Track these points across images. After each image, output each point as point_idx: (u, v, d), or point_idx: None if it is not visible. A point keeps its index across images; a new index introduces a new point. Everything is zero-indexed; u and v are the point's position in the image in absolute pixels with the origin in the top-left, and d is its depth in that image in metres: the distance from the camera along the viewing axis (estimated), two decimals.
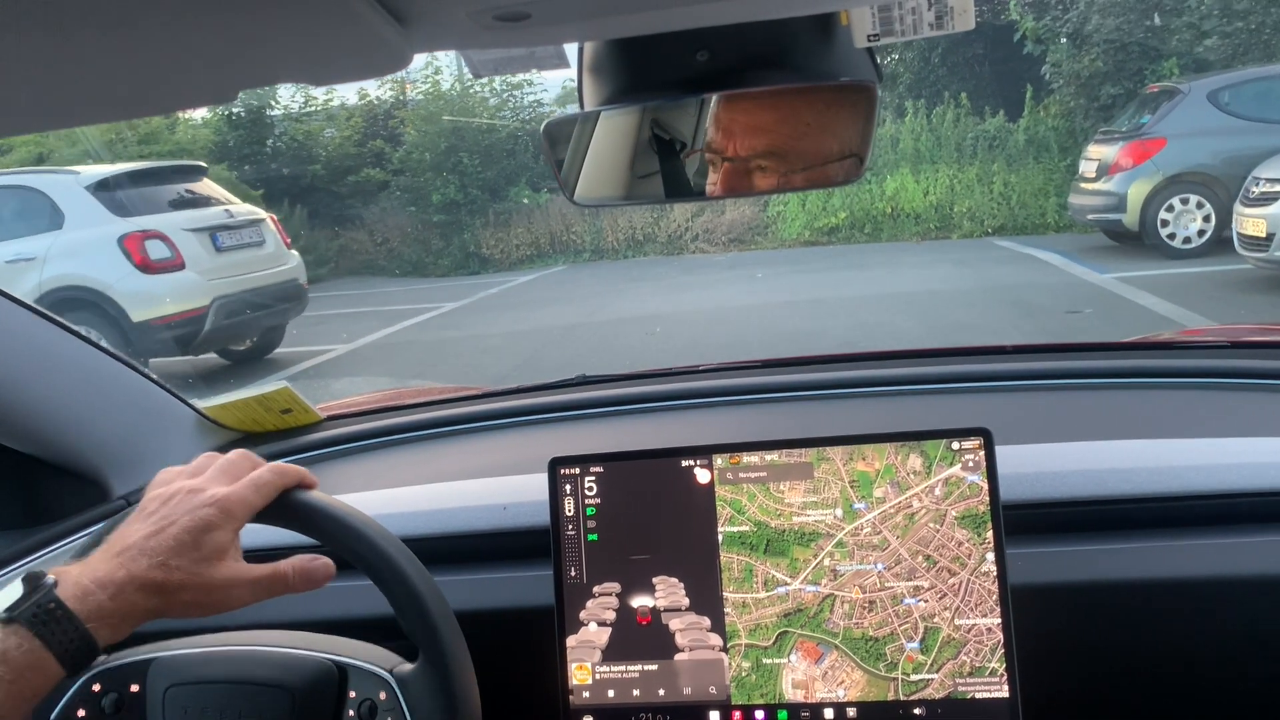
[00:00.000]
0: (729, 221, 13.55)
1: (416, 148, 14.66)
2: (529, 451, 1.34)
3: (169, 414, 1.42)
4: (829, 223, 13.02)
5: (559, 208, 13.87)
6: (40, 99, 0.56)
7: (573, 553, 1.04)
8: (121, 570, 0.75)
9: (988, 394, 1.43)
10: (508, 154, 14.94)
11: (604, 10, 0.54)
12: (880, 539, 0.98)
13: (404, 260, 14.48)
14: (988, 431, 0.97)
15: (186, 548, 0.77)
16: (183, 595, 0.77)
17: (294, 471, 0.87)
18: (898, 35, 0.73)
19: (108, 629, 0.74)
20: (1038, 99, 13.06)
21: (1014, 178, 12.51)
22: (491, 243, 14.12)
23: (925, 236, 12.45)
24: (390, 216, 14.80)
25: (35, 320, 1.22)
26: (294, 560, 0.83)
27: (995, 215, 12.32)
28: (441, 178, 14.30)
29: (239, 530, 0.82)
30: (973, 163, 12.87)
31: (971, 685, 0.95)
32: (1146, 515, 1.05)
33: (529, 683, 1.07)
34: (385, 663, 0.88)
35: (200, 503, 0.80)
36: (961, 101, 13.48)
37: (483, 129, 14.88)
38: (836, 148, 0.83)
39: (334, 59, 0.53)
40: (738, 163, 0.84)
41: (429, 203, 14.34)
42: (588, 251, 13.90)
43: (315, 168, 15.08)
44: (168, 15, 0.45)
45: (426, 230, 14.46)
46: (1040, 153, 12.73)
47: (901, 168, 13.05)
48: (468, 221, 14.30)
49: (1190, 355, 1.49)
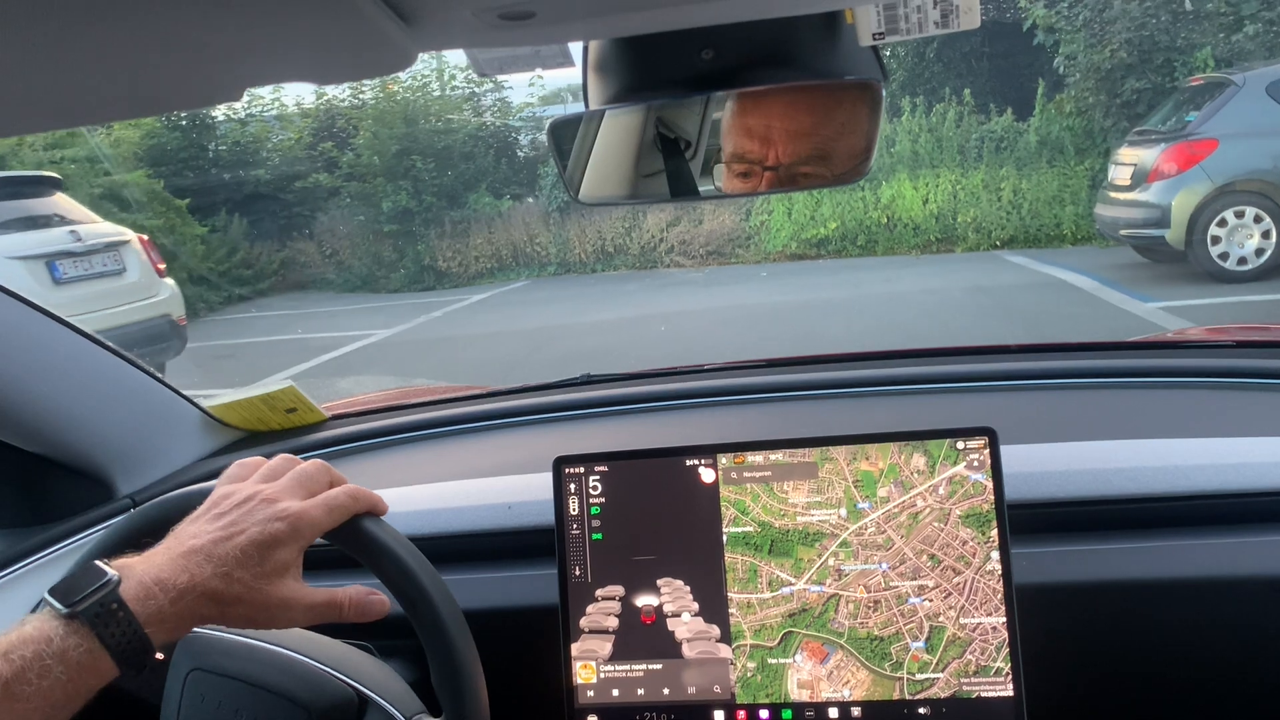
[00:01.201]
0: (707, 232, 12.24)
1: (365, 150, 13.29)
2: (533, 451, 1.34)
3: (174, 412, 1.43)
4: (818, 234, 11.68)
5: (521, 216, 12.85)
6: (46, 98, 0.56)
7: (577, 552, 1.04)
8: (185, 575, 0.74)
9: (991, 393, 1.43)
10: (466, 157, 13.55)
11: (608, 9, 0.54)
12: (885, 538, 0.98)
13: (353, 274, 13.20)
14: (993, 431, 0.97)
15: (251, 561, 0.76)
16: (239, 609, 0.76)
17: (368, 498, 0.85)
18: (903, 33, 0.73)
19: (164, 632, 0.73)
20: (1050, 95, 11.59)
21: (1025, 183, 11.09)
22: (448, 254, 12.85)
23: (925, 249, 11.17)
24: (340, 226, 13.56)
25: (39, 318, 1.22)
26: (351, 591, 0.82)
27: (1004, 226, 10.96)
28: (393, 184, 13.02)
29: (304, 549, 0.80)
30: (978, 167, 11.49)
31: (976, 684, 0.95)
32: (1151, 515, 1.05)
33: (534, 682, 1.07)
34: (407, 709, 0.87)
35: (272, 515, 0.78)
36: (965, 98, 11.99)
37: (439, 130, 13.62)
38: (863, 144, 0.83)
39: (339, 58, 0.54)
40: (780, 170, 0.83)
41: (379, 211, 13.06)
42: (553, 265, 12.66)
43: (260, 173, 13.70)
44: (174, 14, 0.45)
45: (378, 241, 13.19)
46: (1054, 155, 11.29)
47: (898, 172, 11.67)
48: (421, 232, 13.02)
49: (1194, 355, 1.48)
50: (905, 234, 11.40)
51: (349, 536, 0.84)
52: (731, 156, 0.84)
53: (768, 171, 0.83)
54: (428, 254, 12.92)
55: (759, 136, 0.82)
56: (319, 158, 13.86)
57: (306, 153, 14.08)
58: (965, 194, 11.34)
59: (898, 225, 11.44)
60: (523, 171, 13.92)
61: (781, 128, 0.82)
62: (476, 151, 13.68)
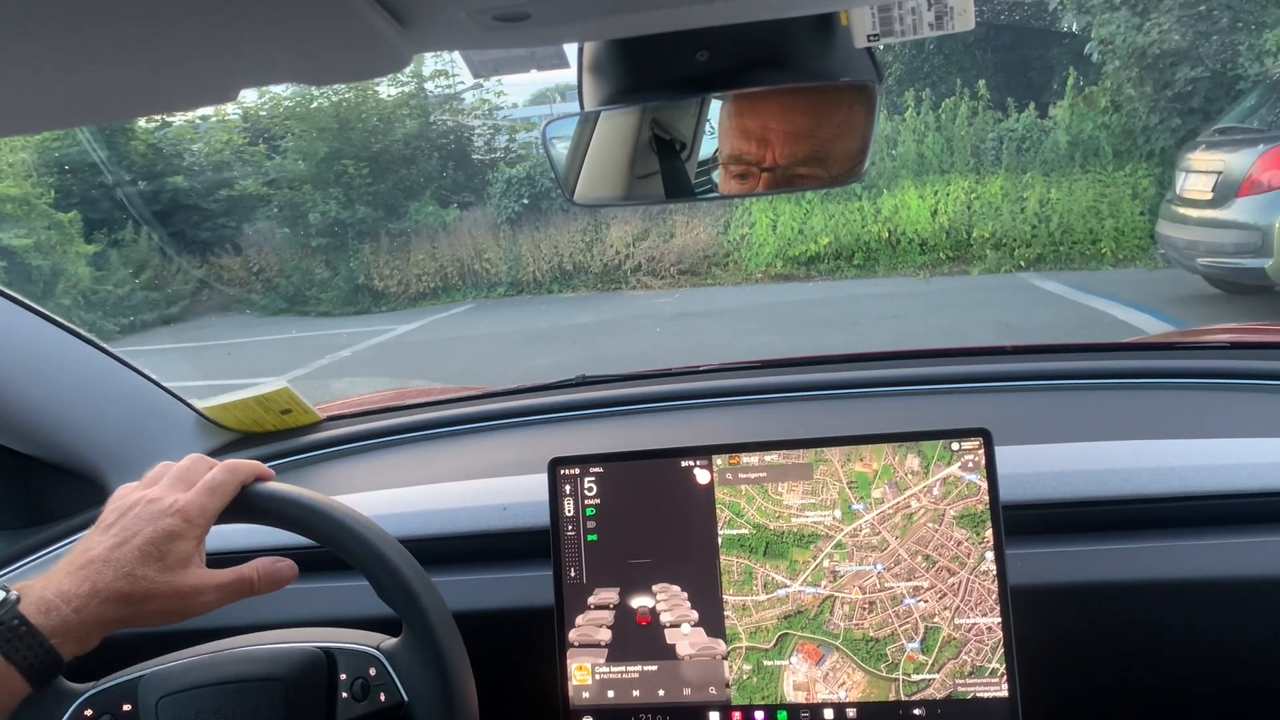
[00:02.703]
0: (679, 248, 10.47)
1: (290, 153, 11.70)
2: (529, 452, 1.34)
3: (168, 414, 1.42)
4: (807, 250, 9.85)
5: (469, 228, 11.25)
6: (39, 99, 0.56)
7: (572, 553, 1.04)
8: (86, 583, 0.76)
9: (987, 394, 1.43)
10: (406, 161, 11.94)
11: (604, 10, 0.54)
12: (879, 540, 0.98)
13: (279, 295, 11.43)
14: (987, 432, 0.97)
15: (152, 557, 0.78)
16: (151, 604, 0.78)
17: (246, 466, 0.88)
18: (897, 35, 0.73)
19: (73, 642, 0.75)
20: (1081, 87, 9.81)
21: (1054, 192, 9.28)
22: (386, 272, 11.20)
23: (935, 269, 9.34)
24: (270, 239, 11.94)
25: (35, 320, 1.22)
26: (257, 563, 0.85)
27: (1029, 242, 9.10)
28: (322, 191, 11.35)
29: (203, 536, 0.83)
30: (996, 172, 9.66)
31: (972, 685, 0.95)
32: (1146, 516, 1.05)
33: (529, 683, 1.07)
34: (371, 641, 0.90)
35: (160, 511, 0.81)
36: (979, 91, 10.07)
37: (374, 130, 11.92)
38: (859, 145, 0.84)
39: (333, 59, 0.53)
40: (778, 171, 0.84)
41: (305, 223, 11.32)
42: (503, 285, 11.00)
43: (177, 179, 11.69)
44: (167, 14, 0.45)
45: (308, 257, 11.47)
46: (1088, 158, 9.47)
47: (901, 179, 9.94)
48: (355, 246, 11.35)
49: (1189, 356, 1.49)
50: (910, 251, 9.58)
51: (244, 507, 0.86)
52: (729, 158, 0.84)
53: (765, 173, 0.84)
54: (362, 271, 11.28)
55: (756, 138, 0.82)
56: (250, 161, 12.24)
57: (237, 156, 12.32)
58: (982, 204, 9.54)
59: (901, 241, 9.67)
60: (476, 177, 12.42)
61: (778, 129, 0.82)
62: (419, 154, 12.15)
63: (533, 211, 11.20)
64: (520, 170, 11.59)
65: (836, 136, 0.83)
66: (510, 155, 12.49)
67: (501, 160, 12.36)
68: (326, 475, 1.44)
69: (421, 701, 0.86)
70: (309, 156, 11.57)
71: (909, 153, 10.13)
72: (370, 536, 0.87)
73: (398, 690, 0.86)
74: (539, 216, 11.16)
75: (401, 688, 0.86)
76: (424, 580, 0.89)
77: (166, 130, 12.23)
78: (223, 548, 1.17)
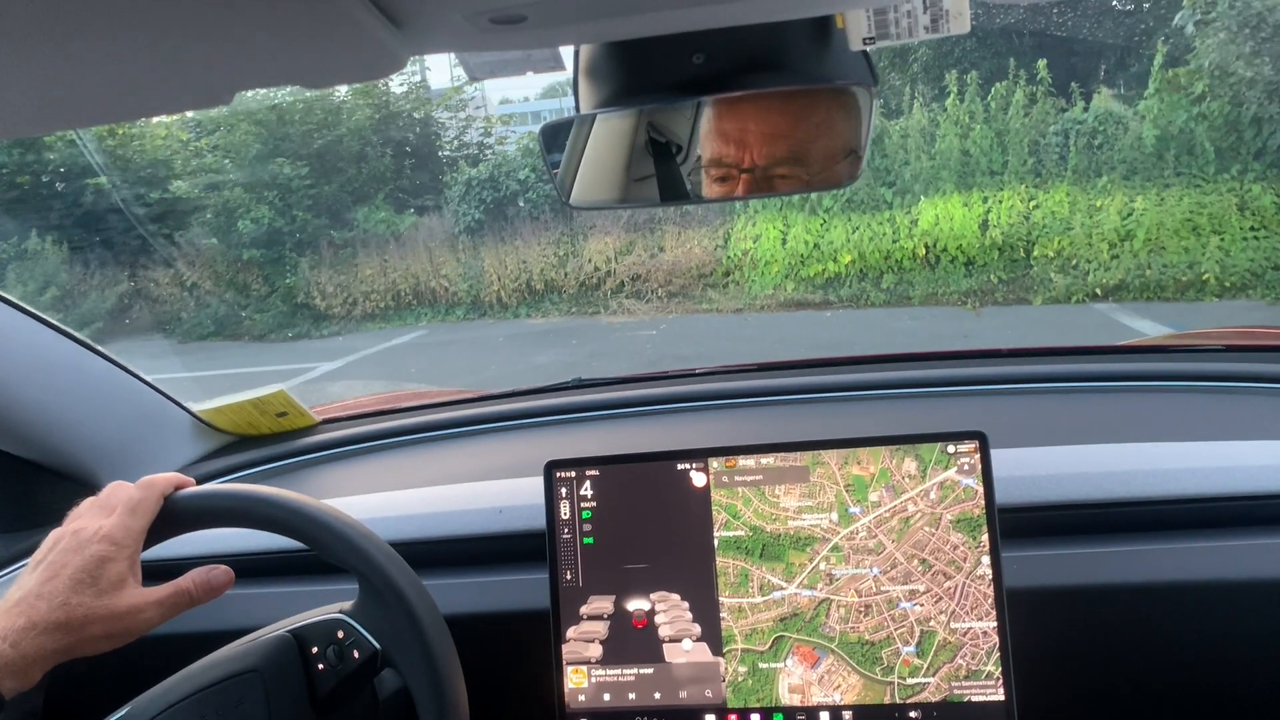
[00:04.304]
0: (669, 265, 8.75)
1: (217, 150, 10.22)
2: (524, 455, 1.34)
3: (164, 417, 1.42)
4: (824, 270, 8.06)
5: (424, 238, 9.70)
6: (35, 101, 0.56)
7: (568, 556, 1.04)
8: (21, 618, 0.76)
9: (983, 397, 1.43)
10: (356, 159, 10.35)
11: (600, 13, 0.54)
12: (876, 543, 0.98)
13: (207, 315, 9.89)
14: (983, 434, 0.97)
15: (84, 584, 0.79)
16: (91, 629, 0.79)
17: (162, 479, 0.89)
18: (893, 38, 0.74)
19: (13, 677, 0.75)
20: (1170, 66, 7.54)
21: (1138, 201, 7.26)
22: (329, 289, 9.66)
23: (985, 298, 7.38)
24: (204, 250, 10.27)
25: (31, 323, 1.21)
26: (193, 573, 0.87)
27: (1108, 266, 7.12)
28: (254, 195, 9.79)
29: (134, 555, 0.84)
30: (1061, 175, 7.72)
31: (967, 688, 0.95)
32: (1142, 518, 1.05)
33: (525, 686, 1.07)
34: (332, 610, 0.91)
35: (86, 540, 0.82)
36: (1038, 73, 7.95)
37: (314, 125, 10.23)
38: (841, 146, 0.83)
39: (329, 61, 0.53)
40: (757, 172, 0.84)
41: (234, 231, 9.75)
42: (463, 306, 9.39)
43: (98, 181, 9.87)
44: (162, 17, 0.45)
45: (244, 271, 9.88)
46: (1182, 157, 7.38)
47: (942, 182, 7.98)
48: (292, 259, 9.79)
49: (1185, 359, 1.49)
50: (954, 273, 7.69)
51: (175, 516, 0.88)
52: (709, 161, 0.84)
53: (744, 174, 0.84)
54: (301, 289, 9.74)
55: (734, 140, 0.83)
56: (193, 158, 10.57)
57: (173, 154, 10.57)
58: (1044, 215, 7.60)
59: (942, 260, 7.77)
60: (441, 177, 10.96)
61: (756, 130, 0.82)
62: (369, 152, 10.44)
63: (497, 219, 9.74)
64: (482, 170, 10.00)
65: (815, 136, 0.83)
66: (470, 152, 11.06)
67: (462, 159, 11.03)
68: (322, 478, 1.44)
69: (393, 641, 0.88)
70: (238, 154, 9.98)
71: (951, 150, 8.04)
72: (299, 505, 0.89)
73: (369, 642, 0.88)
74: (504, 225, 9.66)
75: (371, 638, 0.88)
76: (368, 535, 0.90)
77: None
78: (218, 550, 1.17)
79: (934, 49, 9.33)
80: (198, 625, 1.03)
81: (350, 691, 0.89)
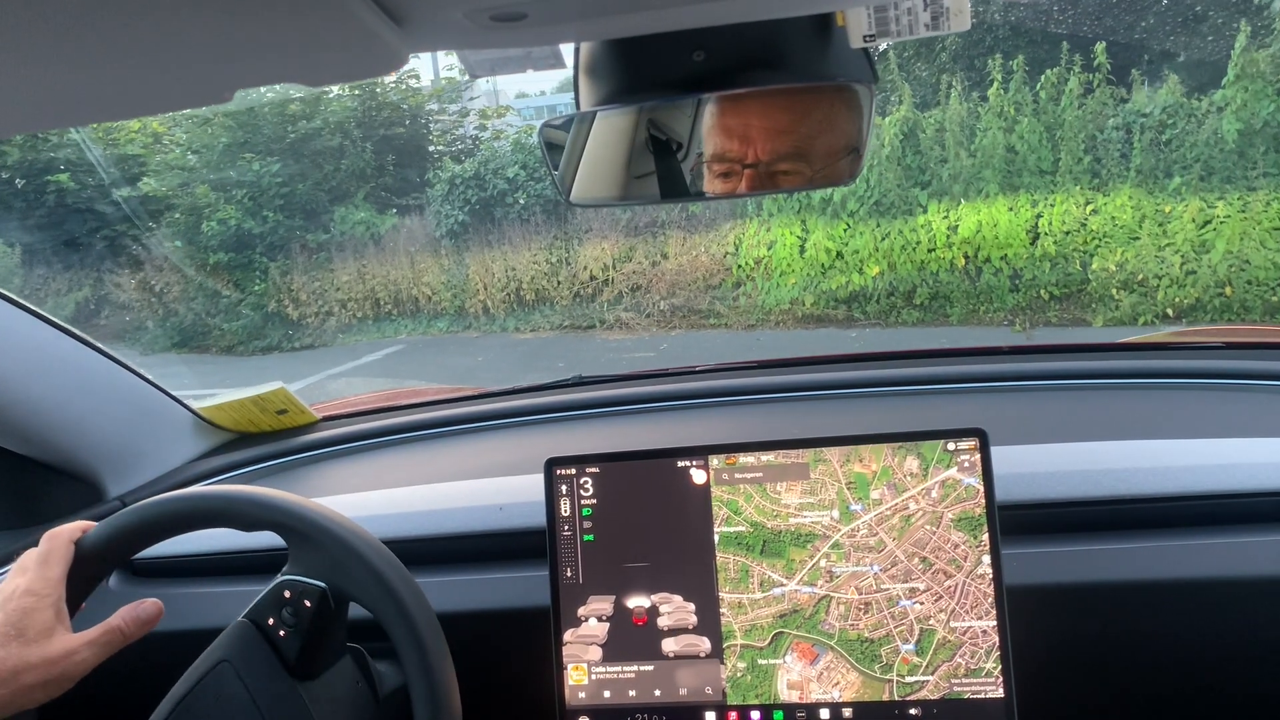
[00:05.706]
0: (672, 274, 7.87)
1: (181, 145, 9.40)
2: (525, 452, 1.34)
3: (165, 415, 1.42)
4: (849, 283, 7.07)
5: (404, 241, 9.01)
6: (35, 99, 0.56)
7: (568, 553, 1.04)
8: None
9: (984, 394, 1.43)
10: (335, 155, 9.50)
11: (600, 10, 0.54)
12: (877, 541, 0.98)
13: (176, 325, 9.26)
14: (983, 432, 0.97)
15: (10, 638, 0.81)
16: (25, 677, 0.81)
17: (64, 529, 0.92)
18: (893, 35, 0.73)
19: None
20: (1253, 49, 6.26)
21: (1218, 207, 6.17)
22: (303, 297, 8.99)
23: (1035, 317, 6.53)
24: (170, 253, 9.57)
25: (31, 321, 1.21)
26: (122, 611, 0.88)
27: (1181, 282, 6.16)
28: (221, 194, 9.04)
29: (58, 603, 0.86)
30: (1124, 176, 6.61)
31: (967, 686, 0.95)
32: (1142, 516, 1.05)
33: (525, 684, 1.07)
34: (274, 577, 0.93)
35: (7, 597, 0.85)
36: (1096, 59, 6.79)
37: (288, 117, 9.42)
38: (843, 143, 0.84)
39: (329, 59, 0.53)
40: (760, 167, 0.84)
41: (199, 233, 9.02)
42: (446, 318, 8.72)
43: (61, 178, 8.95)
44: (162, 14, 0.45)
45: (212, 276, 9.16)
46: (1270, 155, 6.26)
47: (984, 184, 6.92)
48: (261, 263, 9.07)
49: (1185, 356, 1.49)
50: (998, 289, 6.75)
51: (93, 555, 0.91)
52: (712, 157, 0.84)
53: (747, 169, 0.84)
54: (272, 297, 9.04)
55: (738, 135, 0.83)
56: (168, 153, 9.77)
57: (145, 150, 9.73)
58: (1104, 222, 6.55)
59: (985, 272, 6.81)
60: (428, 174, 10.02)
61: (759, 125, 0.82)
62: (349, 147, 9.56)
63: (483, 221, 8.94)
64: (468, 167, 9.17)
65: (818, 133, 0.83)
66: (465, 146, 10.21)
67: (448, 155, 10.19)
68: (322, 476, 1.44)
69: (333, 571, 0.89)
70: (204, 149, 9.16)
71: (994, 146, 6.95)
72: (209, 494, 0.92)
73: (312, 585, 0.89)
74: (491, 228, 8.88)
75: (312, 580, 0.89)
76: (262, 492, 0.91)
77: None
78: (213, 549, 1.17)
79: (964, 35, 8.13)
80: (198, 624, 1.03)
81: (319, 645, 0.90)
